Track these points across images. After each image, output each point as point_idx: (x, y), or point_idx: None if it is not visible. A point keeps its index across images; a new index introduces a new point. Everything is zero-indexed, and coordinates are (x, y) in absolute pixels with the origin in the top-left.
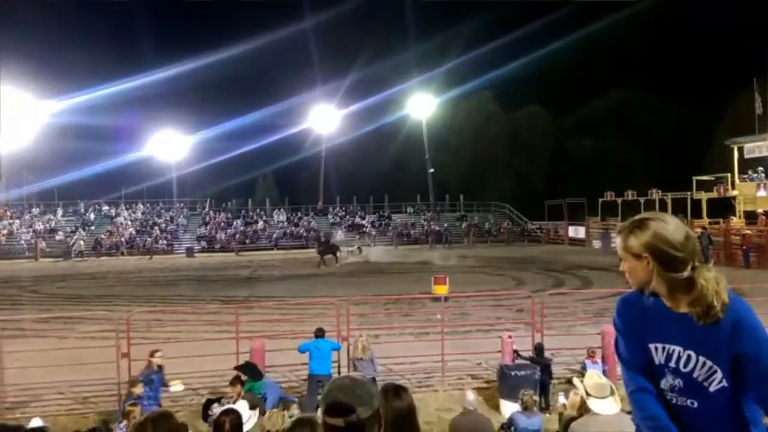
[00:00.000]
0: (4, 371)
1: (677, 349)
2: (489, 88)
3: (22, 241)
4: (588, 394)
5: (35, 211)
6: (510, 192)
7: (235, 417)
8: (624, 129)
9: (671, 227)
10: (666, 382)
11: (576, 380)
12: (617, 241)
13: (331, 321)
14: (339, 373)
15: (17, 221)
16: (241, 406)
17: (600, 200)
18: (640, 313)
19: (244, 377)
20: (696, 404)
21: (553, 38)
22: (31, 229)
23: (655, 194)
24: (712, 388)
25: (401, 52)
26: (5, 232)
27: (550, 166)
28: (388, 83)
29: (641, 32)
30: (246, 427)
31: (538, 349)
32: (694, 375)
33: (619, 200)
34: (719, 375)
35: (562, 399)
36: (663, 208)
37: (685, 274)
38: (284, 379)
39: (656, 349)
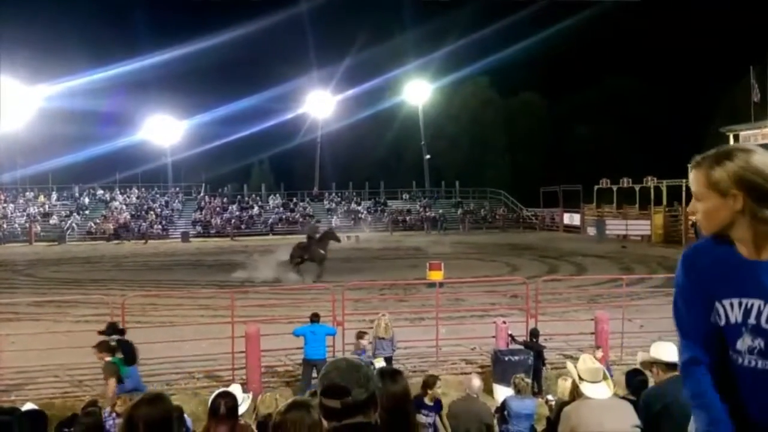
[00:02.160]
0: None
1: (758, 303)
2: (485, 74)
3: (16, 225)
4: (581, 379)
5: (29, 194)
6: (506, 179)
7: (230, 400)
8: (620, 116)
9: (763, 157)
10: (743, 343)
11: (569, 365)
12: (690, 177)
13: (326, 306)
14: (334, 356)
15: (11, 205)
16: (236, 389)
17: (595, 187)
18: (713, 265)
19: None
20: None
21: (550, 24)
22: (25, 213)
23: (651, 182)
24: None
25: (397, 37)
26: None
27: (546, 153)
28: (384, 68)
29: (638, 19)
30: (241, 409)
31: (533, 333)
32: None
33: (615, 188)
34: None
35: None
36: (658, 195)
37: None
38: (279, 363)
39: (731, 305)
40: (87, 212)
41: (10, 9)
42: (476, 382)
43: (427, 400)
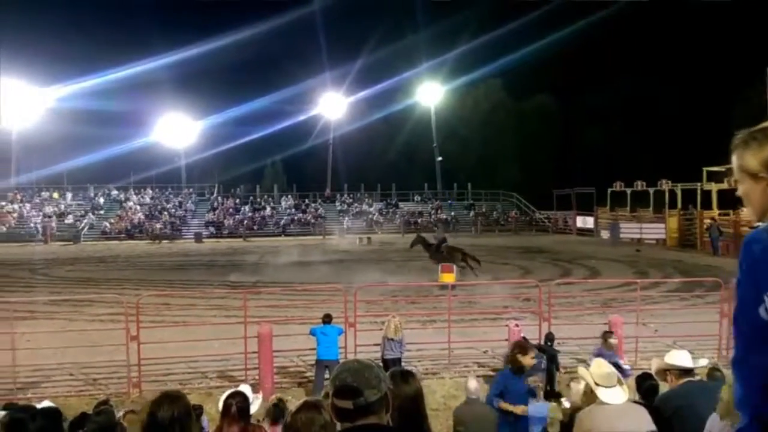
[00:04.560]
0: (15, 352)
1: None
2: (498, 76)
3: (33, 225)
4: (596, 384)
5: (45, 195)
6: (518, 181)
7: (242, 399)
8: (633, 118)
9: None
10: None
11: (581, 369)
12: (733, 159)
13: (338, 307)
14: (346, 357)
15: (28, 205)
16: (246, 389)
17: (609, 190)
18: (763, 253)
19: None
20: None
21: (563, 25)
22: (41, 213)
23: (665, 185)
24: None
25: (410, 39)
26: (16, 215)
27: (559, 156)
28: (396, 70)
29: (651, 20)
30: (252, 409)
31: (549, 337)
32: None
33: (629, 191)
34: None
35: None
36: (673, 199)
37: None
38: (292, 364)
39: None
40: (102, 212)
41: (23, 11)
42: (472, 383)
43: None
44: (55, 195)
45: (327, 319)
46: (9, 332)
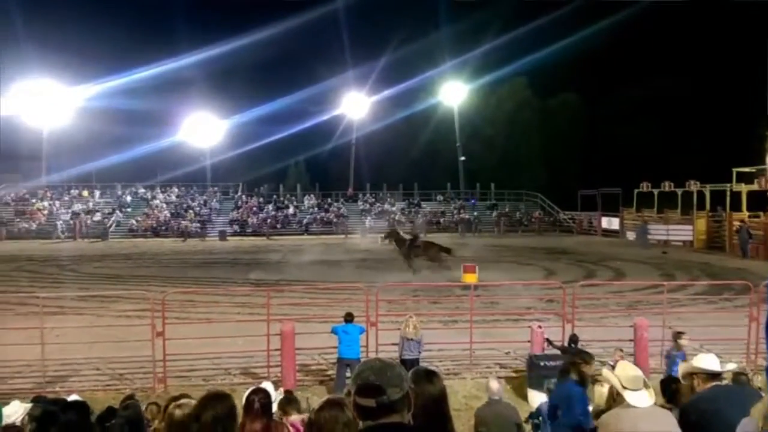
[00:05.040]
0: (44, 346)
1: None
2: (522, 75)
3: (62, 222)
4: (623, 387)
5: (74, 192)
6: (542, 181)
7: (265, 396)
8: (661, 117)
9: None
10: None
11: (605, 372)
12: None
13: (360, 306)
14: (367, 356)
15: (57, 202)
16: (269, 387)
17: (635, 191)
18: None
19: None
20: None
21: (589, 23)
22: (70, 211)
23: (693, 186)
24: None
25: (433, 37)
26: (46, 212)
27: (584, 155)
28: (419, 69)
29: (680, 16)
30: (275, 407)
31: (573, 339)
32: None
33: (656, 191)
34: None
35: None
36: (701, 200)
37: None
38: (313, 362)
39: None
40: (129, 210)
41: (53, 11)
42: (494, 384)
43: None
44: (85, 193)
45: (349, 317)
46: (39, 327)
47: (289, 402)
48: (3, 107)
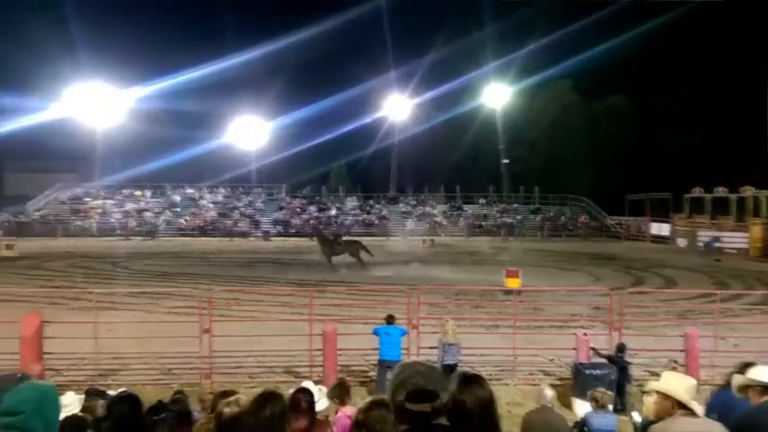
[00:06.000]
0: (97, 340)
1: None
2: (568, 77)
3: (114, 221)
4: (683, 397)
5: (126, 192)
6: (588, 185)
7: (309, 395)
8: (713, 120)
9: None
10: None
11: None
12: None
13: (401, 308)
14: (408, 359)
15: (110, 201)
16: (311, 386)
17: (687, 196)
18: None
19: None
20: None
21: (637, 23)
22: (122, 210)
23: (749, 191)
24: None
25: (476, 39)
26: (100, 211)
27: (632, 159)
28: (462, 71)
29: (732, 17)
30: (318, 407)
31: (620, 348)
32: None
33: (708, 197)
34: None
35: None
36: (757, 207)
37: None
38: (355, 363)
39: None
40: (178, 210)
41: (105, 15)
42: (548, 392)
43: None
44: (137, 192)
45: (390, 319)
46: (92, 321)
47: (347, 391)
48: (59, 109)
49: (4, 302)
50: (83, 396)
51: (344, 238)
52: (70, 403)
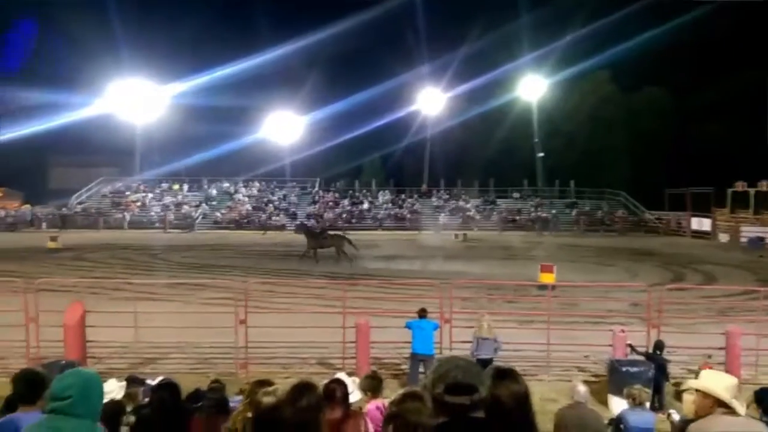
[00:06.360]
0: (137, 330)
1: None
2: (606, 68)
3: (153, 213)
4: (723, 396)
5: (164, 186)
6: (626, 179)
7: (344, 387)
8: (757, 113)
9: None
10: None
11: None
12: None
13: (434, 302)
14: (441, 353)
15: (149, 195)
16: (345, 377)
17: (729, 190)
18: None
19: None
20: None
21: (678, 12)
22: (160, 203)
23: None
24: None
25: (511, 31)
26: (139, 204)
27: (672, 153)
28: (497, 63)
29: None
30: (351, 398)
31: (658, 345)
32: None
33: (752, 191)
34: None
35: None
36: None
37: None
38: (387, 356)
39: None
40: (214, 203)
41: (142, 14)
42: (582, 387)
43: None
44: (175, 186)
45: (422, 313)
46: (132, 311)
47: (379, 383)
48: (102, 106)
49: (49, 292)
50: (124, 383)
51: (330, 233)
52: (113, 390)
